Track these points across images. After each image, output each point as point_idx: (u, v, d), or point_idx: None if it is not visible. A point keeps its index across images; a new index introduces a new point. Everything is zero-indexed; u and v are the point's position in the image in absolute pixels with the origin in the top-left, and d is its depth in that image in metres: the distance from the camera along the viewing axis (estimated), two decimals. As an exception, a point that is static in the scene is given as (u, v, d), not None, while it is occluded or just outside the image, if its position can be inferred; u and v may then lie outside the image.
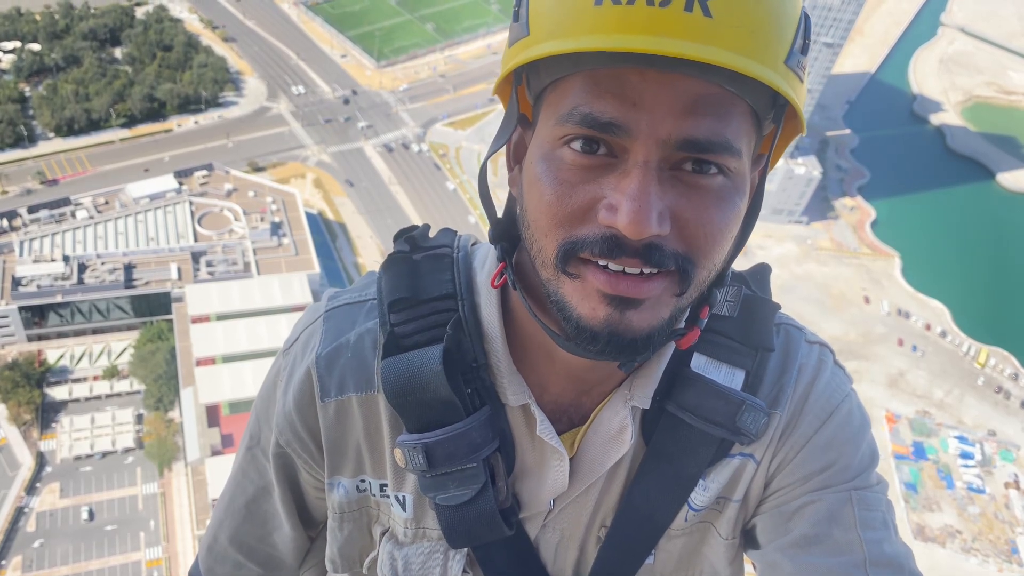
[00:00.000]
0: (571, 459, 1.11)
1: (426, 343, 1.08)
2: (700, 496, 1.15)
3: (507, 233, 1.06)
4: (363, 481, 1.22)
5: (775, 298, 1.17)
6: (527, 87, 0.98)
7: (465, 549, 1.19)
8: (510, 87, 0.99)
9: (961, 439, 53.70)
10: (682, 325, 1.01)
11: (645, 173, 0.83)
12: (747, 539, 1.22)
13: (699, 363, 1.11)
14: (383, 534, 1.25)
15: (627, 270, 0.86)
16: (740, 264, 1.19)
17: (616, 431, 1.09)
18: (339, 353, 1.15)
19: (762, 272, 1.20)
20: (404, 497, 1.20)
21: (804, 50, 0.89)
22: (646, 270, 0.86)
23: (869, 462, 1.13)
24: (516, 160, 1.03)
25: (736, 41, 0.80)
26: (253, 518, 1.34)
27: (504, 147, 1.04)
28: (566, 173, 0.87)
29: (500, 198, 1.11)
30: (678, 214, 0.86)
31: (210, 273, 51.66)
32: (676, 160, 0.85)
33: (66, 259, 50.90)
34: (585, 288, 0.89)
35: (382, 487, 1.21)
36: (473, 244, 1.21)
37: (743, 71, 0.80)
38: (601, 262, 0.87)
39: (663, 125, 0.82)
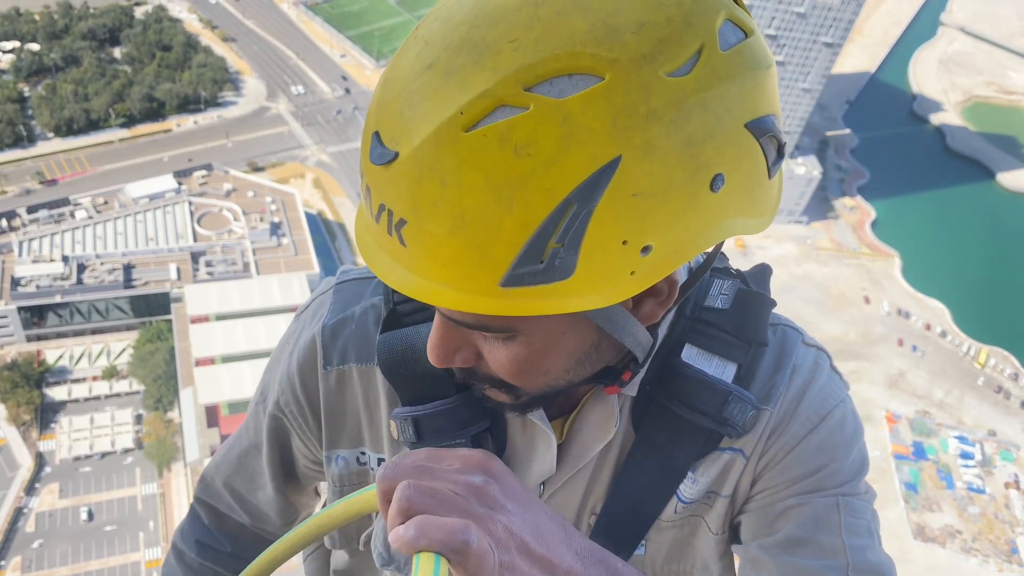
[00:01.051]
0: (560, 445, 1.13)
1: (424, 320, 1.13)
2: (689, 488, 1.15)
3: None
4: (363, 454, 1.25)
5: (775, 300, 1.17)
6: None
7: None
8: None
9: (961, 439, 53.65)
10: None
11: (443, 320, 0.90)
12: (732, 533, 1.23)
13: (690, 354, 1.10)
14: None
15: None
16: (740, 264, 1.20)
17: (603, 418, 1.11)
18: (344, 324, 1.20)
19: (762, 272, 1.20)
20: None
21: (556, 255, 0.76)
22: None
23: (859, 469, 1.13)
24: None
25: (432, 272, 0.78)
26: (243, 470, 1.40)
27: None
28: None
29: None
30: (480, 351, 0.92)
31: (209, 273, 51.62)
32: None
33: (65, 259, 50.85)
34: None
35: (379, 461, 1.25)
36: None
37: (437, 304, 0.81)
38: None
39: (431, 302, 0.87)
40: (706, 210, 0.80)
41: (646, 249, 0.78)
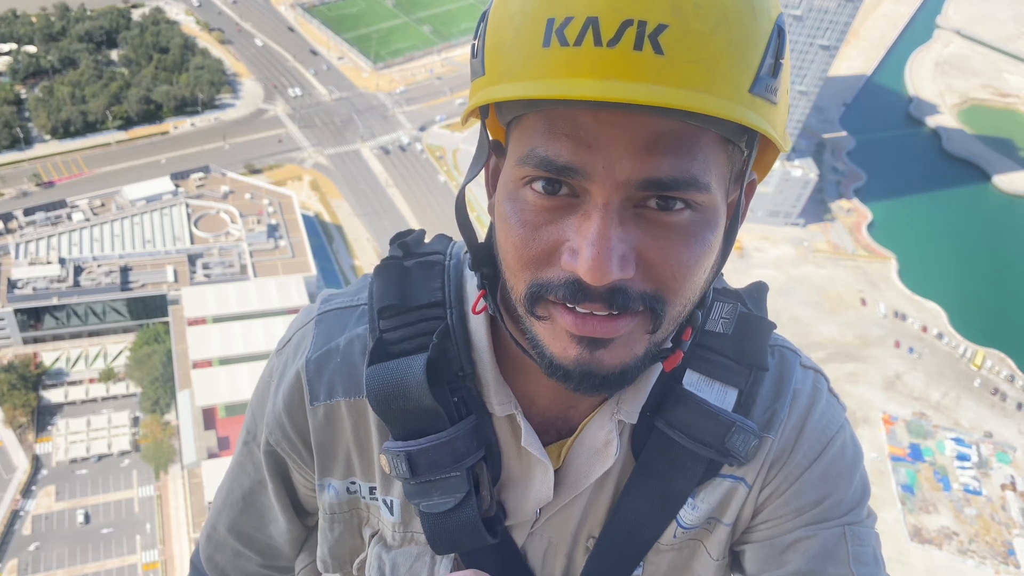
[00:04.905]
0: (557, 470, 1.11)
1: (413, 351, 1.08)
2: (689, 514, 1.14)
3: (490, 258, 1.02)
4: (353, 483, 1.22)
5: (772, 302, 1.17)
6: (497, 118, 0.97)
7: (452, 554, 1.19)
8: (480, 117, 0.98)
9: (958, 441, 53.74)
10: (668, 345, 1.01)
11: (605, 216, 0.81)
12: (734, 562, 1.22)
13: (691, 380, 1.10)
14: (372, 536, 1.25)
15: (595, 312, 0.86)
16: (737, 266, 1.18)
17: (601, 445, 1.09)
18: (329, 357, 1.15)
19: (759, 290, 1.19)
20: (392, 501, 1.20)
21: (775, 71, 0.84)
22: (613, 312, 0.86)
23: (861, 496, 1.13)
24: (494, 187, 1.01)
25: (690, 78, 0.77)
26: (250, 510, 1.35)
27: (484, 172, 1.03)
28: (530, 214, 0.86)
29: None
30: (643, 254, 0.84)
31: (206, 275, 51.59)
32: (639, 198, 0.83)
33: (62, 261, 50.80)
34: (555, 328, 0.89)
35: (371, 490, 1.22)
36: (466, 252, 1.18)
37: (698, 110, 0.77)
38: (568, 305, 0.86)
39: (620, 166, 0.80)
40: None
41: (788, 110, 0.88)
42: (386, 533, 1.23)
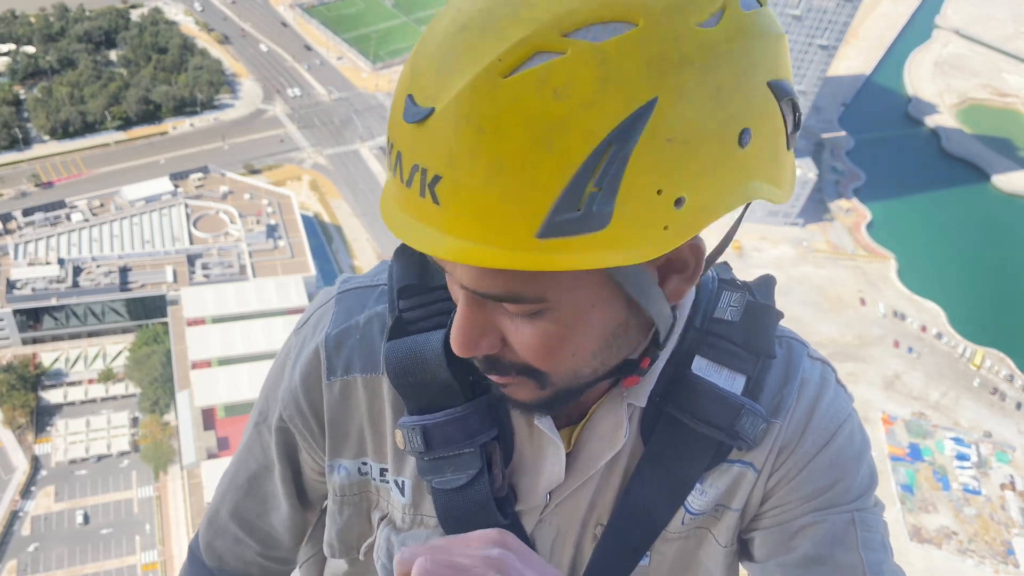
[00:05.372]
0: (568, 454, 1.12)
1: (431, 328, 1.11)
2: (698, 500, 1.15)
3: None
4: (364, 464, 1.24)
5: (779, 309, 1.18)
6: None
7: None
8: None
9: (957, 441, 53.73)
10: (634, 358, 1.03)
11: (467, 302, 0.88)
12: (743, 550, 1.23)
13: (700, 366, 1.10)
14: (381, 519, 1.26)
15: None
16: (736, 266, 1.19)
17: (611, 428, 1.10)
18: (348, 334, 1.18)
19: (767, 283, 1.20)
20: (403, 482, 1.21)
21: (591, 202, 0.74)
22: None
23: (869, 483, 1.15)
24: None
25: (465, 229, 0.77)
26: (254, 494, 1.36)
27: None
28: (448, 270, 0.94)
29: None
30: (505, 335, 0.90)
31: (206, 276, 51.58)
32: None
33: (61, 262, 50.80)
34: None
35: (382, 471, 1.23)
36: None
37: (469, 263, 0.78)
38: None
39: (458, 274, 0.86)
40: (734, 165, 0.80)
41: (679, 202, 0.78)
42: (396, 516, 1.24)
